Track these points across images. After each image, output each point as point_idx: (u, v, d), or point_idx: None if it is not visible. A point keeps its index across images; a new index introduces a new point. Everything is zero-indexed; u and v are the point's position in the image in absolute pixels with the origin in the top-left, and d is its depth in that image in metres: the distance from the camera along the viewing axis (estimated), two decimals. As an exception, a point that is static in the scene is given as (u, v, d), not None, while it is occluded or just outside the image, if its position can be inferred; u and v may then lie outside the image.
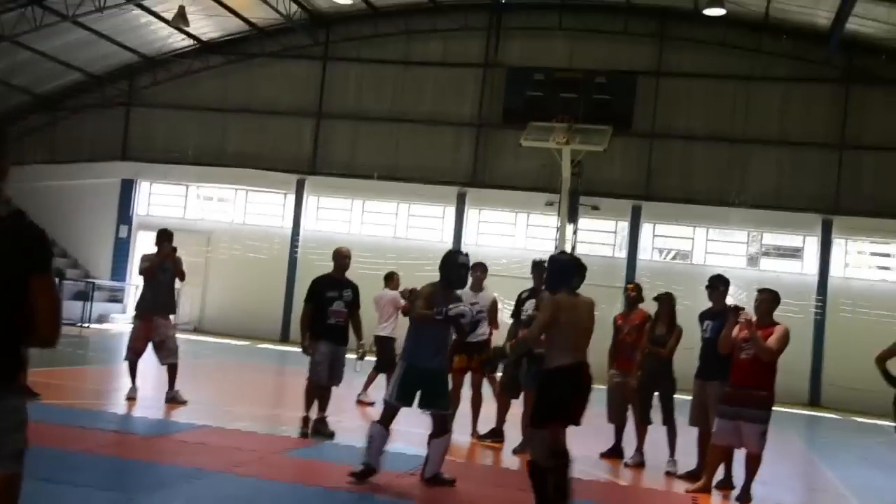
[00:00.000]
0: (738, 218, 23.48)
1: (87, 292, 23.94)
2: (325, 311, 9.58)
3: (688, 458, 9.34)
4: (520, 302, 10.59)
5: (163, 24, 24.53)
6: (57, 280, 9.94)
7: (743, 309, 8.61)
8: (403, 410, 7.56)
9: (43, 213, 26.45)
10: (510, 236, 24.87)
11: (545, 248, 23.62)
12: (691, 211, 23.79)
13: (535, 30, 25.18)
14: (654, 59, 24.43)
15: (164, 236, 11.24)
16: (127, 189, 26.79)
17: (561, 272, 7.06)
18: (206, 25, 25.57)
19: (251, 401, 12.69)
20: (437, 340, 7.70)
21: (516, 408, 9.95)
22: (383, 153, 25.54)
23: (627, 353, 10.03)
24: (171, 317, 11.17)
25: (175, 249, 11.19)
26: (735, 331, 8.52)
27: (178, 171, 26.45)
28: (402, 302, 12.87)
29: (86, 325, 22.41)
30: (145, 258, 11.23)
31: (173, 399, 10.79)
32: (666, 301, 9.91)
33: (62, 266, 25.45)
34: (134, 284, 26.57)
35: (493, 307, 11.01)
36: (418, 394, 7.53)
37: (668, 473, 9.56)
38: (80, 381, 11.18)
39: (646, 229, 24.29)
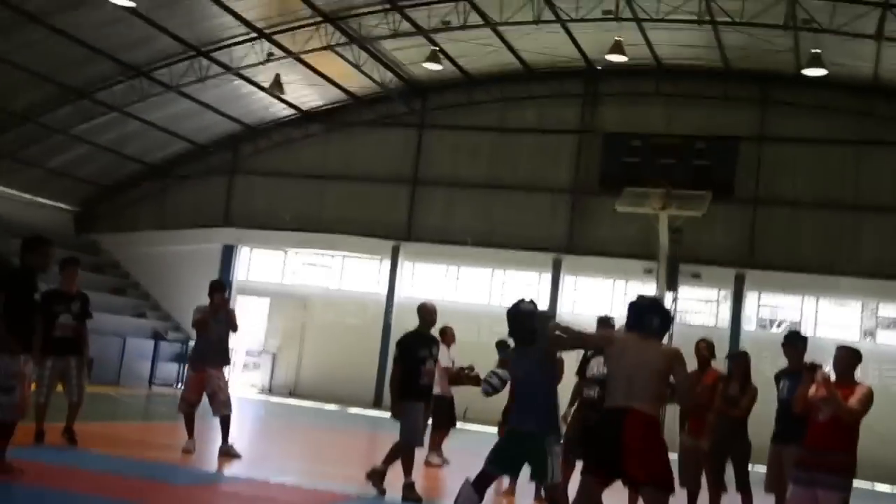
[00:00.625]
0: (849, 287, 22.17)
1: (185, 354, 24.24)
2: (417, 370, 9.20)
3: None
4: (585, 360, 10.01)
5: (264, 94, 25.19)
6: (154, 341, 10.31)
7: (820, 366, 7.83)
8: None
9: (151, 278, 27.57)
10: (608, 304, 24.10)
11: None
12: (798, 280, 22.63)
13: (632, 95, 24.78)
14: (755, 124, 23.62)
15: (217, 287, 11.10)
16: (228, 254, 27.33)
17: (634, 312, 6.62)
18: (305, 95, 26.14)
19: (312, 459, 12.32)
20: (531, 397, 7.08)
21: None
22: (478, 219, 25.35)
23: (699, 415, 9.30)
24: (226, 369, 10.97)
25: (227, 301, 11.04)
26: (812, 390, 7.75)
27: (277, 236, 26.88)
28: (444, 362, 12.36)
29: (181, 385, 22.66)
30: (198, 310, 11.12)
31: (227, 452, 10.55)
32: (740, 360, 9.18)
33: (162, 329, 26.00)
34: (234, 348, 26.94)
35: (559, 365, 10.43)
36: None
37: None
38: (156, 436, 11.03)
39: (750, 298, 23.21)
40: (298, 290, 26.60)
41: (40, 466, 7.62)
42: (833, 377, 7.76)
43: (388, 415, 9.68)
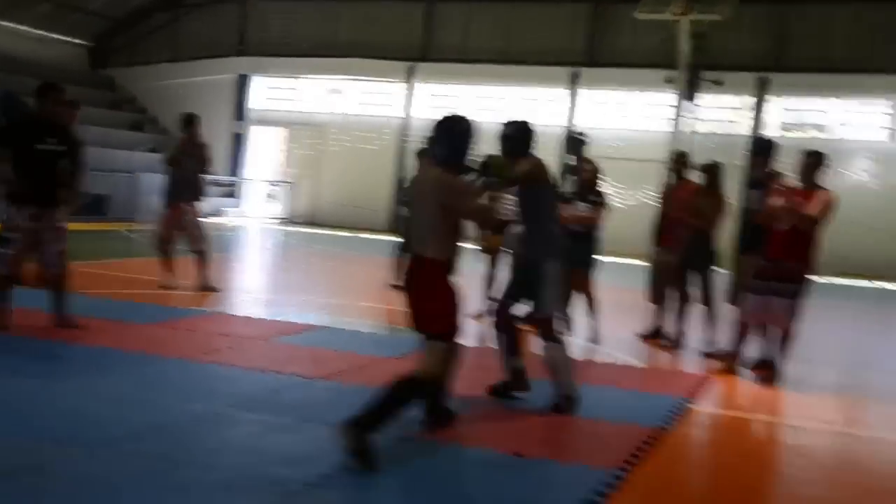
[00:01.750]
0: (878, 85, 21.09)
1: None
2: None
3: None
4: (561, 177, 9.74)
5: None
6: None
7: (780, 174, 7.45)
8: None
9: (166, 111, 27.29)
10: (625, 117, 23.42)
11: (663, 128, 22.28)
12: (826, 81, 21.53)
13: None
14: (787, -87, 21.92)
15: (188, 121, 10.78)
16: (242, 84, 26.90)
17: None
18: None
19: (301, 289, 12.36)
20: None
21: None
22: (496, 36, 24.38)
23: (672, 229, 9.02)
24: (196, 204, 10.81)
25: (195, 134, 10.66)
26: (773, 200, 7.41)
27: (291, 63, 26.27)
28: None
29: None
30: (172, 147, 10.89)
31: (204, 287, 10.57)
32: (710, 171, 8.77)
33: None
34: (247, 179, 26.97)
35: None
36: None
37: (705, 354, 8.63)
38: (151, 272, 11.02)
39: (774, 104, 22.27)
40: (315, 117, 26.21)
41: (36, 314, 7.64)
42: (798, 185, 7.43)
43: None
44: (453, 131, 5.28)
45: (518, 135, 6.33)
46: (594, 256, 9.01)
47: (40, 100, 7.58)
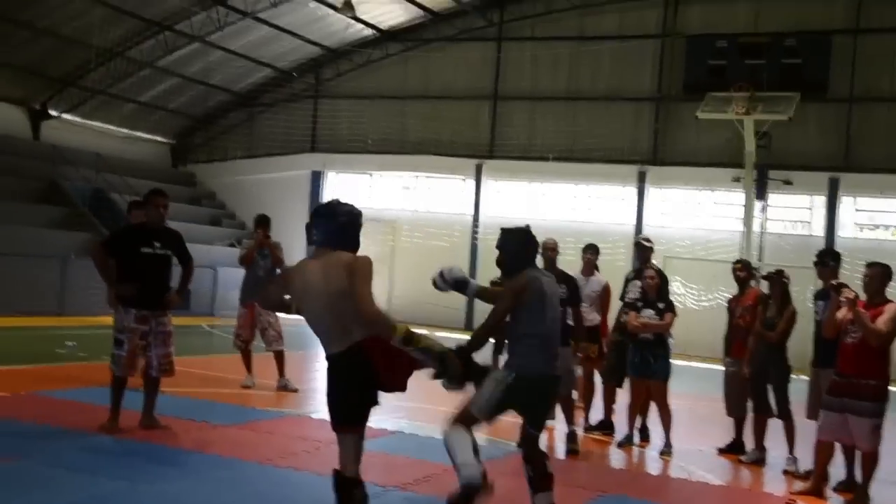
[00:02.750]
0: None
1: (275, 280, 24.90)
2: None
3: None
4: (626, 282, 9.88)
5: (342, 16, 25.02)
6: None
7: (846, 286, 7.47)
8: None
9: (243, 206, 28.19)
10: (694, 216, 23.46)
11: (732, 228, 22.28)
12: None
13: (717, -6, 23.59)
14: (851, 16, 22.14)
15: (260, 222, 11.20)
16: (316, 180, 27.69)
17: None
18: (383, 13, 25.85)
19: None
20: None
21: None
22: (560, 133, 24.84)
23: (741, 338, 9.03)
24: None
25: (267, 235, 11.05)
26: (840, 312, 7.41)
27: (361, 160, 27.04)
28: None
29: (272, 311, 23.34)
30: (244, 245, 11.31)
31: (284, 387, 10.77)
32: (776, 280, 8.81)
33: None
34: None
35: (604, 293, 10.29)
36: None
37: (786, 472, 8.51)
38: (231, 370, 11.34)
39: (845, 203, 22.16)
40: (385, 213, 26.75)
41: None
42: (863, 297, 7.45)
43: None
44: (334, 218, 5.24)
45: (513, 248, 5.94)
46: (666, 364, 9.05)
47: (146, 205, 7.94)
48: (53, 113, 25.11)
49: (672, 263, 21.08)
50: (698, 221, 23.24)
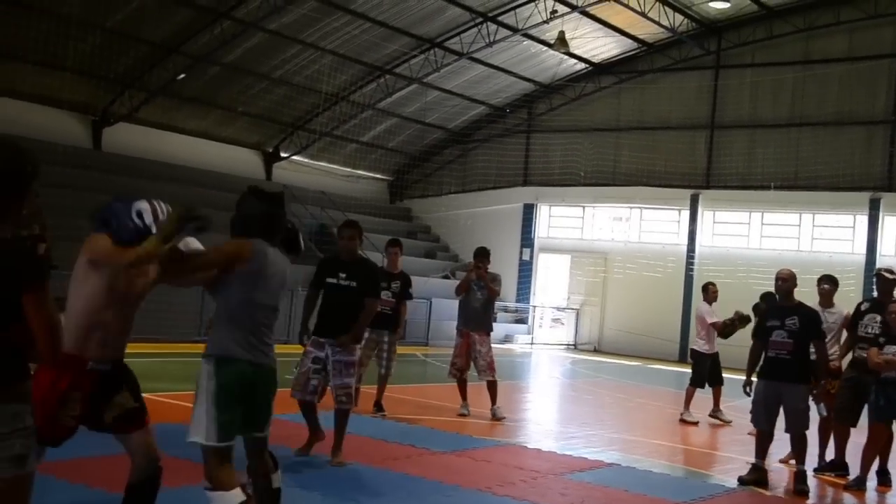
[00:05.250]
0: None
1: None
2: (766, 342, 8.41)
3: None
4: (858, 314, 9.24)
5: (554, 52, 25.26)
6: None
7: None
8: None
9: (457, 239, 28.92)
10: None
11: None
12: None
13: (961, 7, 21.97)
14: None
15: (477, 253, 11.29)
16: (528, 213, 27.95)
17: None
18: (596, 47, 25.88)
19: (589, 422, 12.40)
20: None
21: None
22: (781, 161, 23.85)
23: None
24: (485, 333, 11.11)
25: (479, 266, 11.02)
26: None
27: (574, 192, 27.07)
28: (710, 319, 12.23)
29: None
30: (463, 277, 11.48)
31: (494, 415, 10.89)
32: None
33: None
34: (536, 305, 27.62)
35: (845, 325, 9.67)
36: None
37: None
38: (445, 398, 11.63)
39: None
40: (598, 245, 26.64)
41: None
42: None
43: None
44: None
45: (247, 211, 4.90)
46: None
47: (338, 236, 8.05)
48: (284, 155, 26.80)
49: None
50: (941, 251, 21.58)
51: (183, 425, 4.88)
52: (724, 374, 12.59)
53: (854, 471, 8.77)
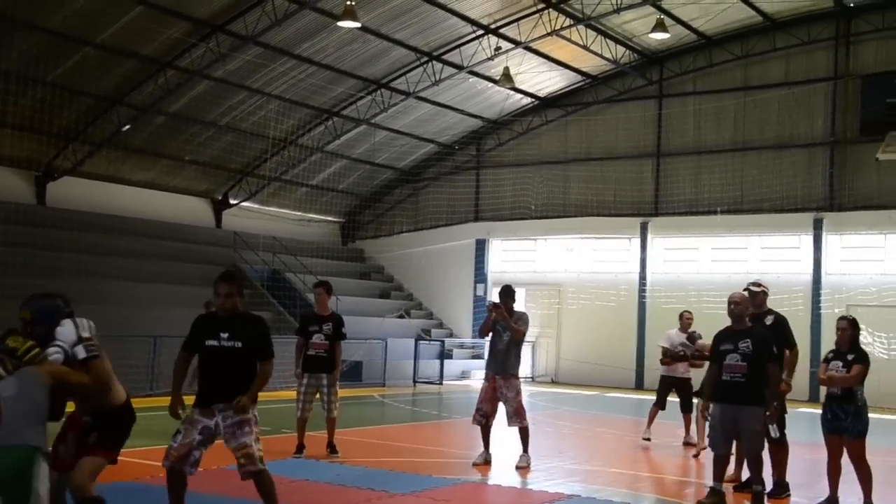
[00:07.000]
0: None
1: (446, 351, 25.17)
2: (721, 367, 8.37)
3: None
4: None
5: (501, 87, 25.47)
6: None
7: None
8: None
9: (410, 278, 28.92)
10: (878, 261, 22.20)
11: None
12: None
13: (892, 30, 22.57)
14: None
15: (505, 293, 10.67)
16: (481, 248, 28.03)
17: None
18: (540, 82, 26.16)
19: (549, 454, 12.34)
20: None
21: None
22: (727, 186, 24.25)
23: None
24: (516, 377, 10.55)
25: (498, 306, 10.43)
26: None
27: (525, 226, 27.23)
28: (660, 341, 12.48)
29: (439, 382, 23.61)
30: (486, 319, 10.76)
31: (518, 464, 10.38)
32: None
33: (425, 327, 27.08)
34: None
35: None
36: None
37: None
38: (421, 439, 11.45)
39: None
40: (551, 277, 26.75)
41: (300, 484, 8.15)
42: None
43: (651, 397, 9.73)
44: None
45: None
46: (858, 420, 8.48)
47: (214, 293, 6.65)
48: (233, 201, 26.62)
49: (856, 312, 19.95)
50: (883, 266, 21.97)
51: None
52: None
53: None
